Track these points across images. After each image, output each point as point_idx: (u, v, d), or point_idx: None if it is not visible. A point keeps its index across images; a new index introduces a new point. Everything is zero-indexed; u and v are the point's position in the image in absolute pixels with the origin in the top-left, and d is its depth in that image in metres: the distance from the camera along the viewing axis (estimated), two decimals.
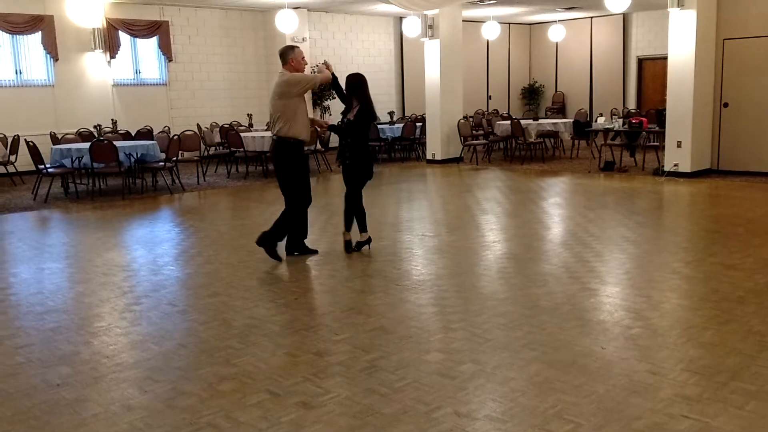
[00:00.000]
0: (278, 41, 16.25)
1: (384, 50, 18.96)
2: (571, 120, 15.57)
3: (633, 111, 16.72)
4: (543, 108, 21.59)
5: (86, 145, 10.55)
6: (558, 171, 12.64)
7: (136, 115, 14.69)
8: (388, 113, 16.11)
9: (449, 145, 14.52)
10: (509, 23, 21.02)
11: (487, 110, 19.58)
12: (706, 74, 11.30)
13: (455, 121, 14.36)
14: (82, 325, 4.78)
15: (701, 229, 7.69)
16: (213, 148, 14.27)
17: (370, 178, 6.53)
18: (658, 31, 18.37)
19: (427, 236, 7.44)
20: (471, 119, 16.19)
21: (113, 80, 14.74)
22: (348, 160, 6.41)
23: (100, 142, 10.51)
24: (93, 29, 14.10)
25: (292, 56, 6.15)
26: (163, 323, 4.79)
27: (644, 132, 12.39)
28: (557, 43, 20.88)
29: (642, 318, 4.58)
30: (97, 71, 14.49)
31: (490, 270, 6.09)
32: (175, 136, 11.42)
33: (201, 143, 13.26)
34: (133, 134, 13.31)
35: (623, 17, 19.63)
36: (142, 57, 15.25)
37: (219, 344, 4.32)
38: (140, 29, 14.82)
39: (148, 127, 13.72)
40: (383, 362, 3.93)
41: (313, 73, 6.34)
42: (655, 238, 7.22)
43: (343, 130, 6.41)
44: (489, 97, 21.08)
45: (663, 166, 11.54)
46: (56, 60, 13.85)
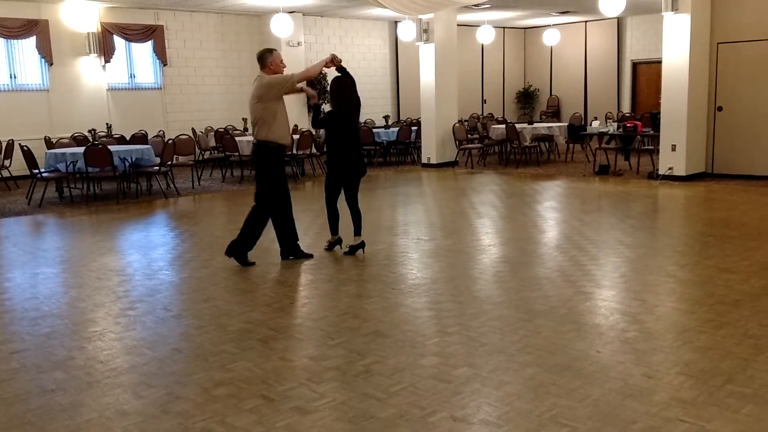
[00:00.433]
0: (273, 45, 16.13)
1: (379, 54, 18.98)
2: (566, 124, 15.60)
3: (628, 115, 16.76)
4: (538, 112, 21.64)
5: (81, 150, 10.53)
6: (553, 175, 12.66)
7: (131, 120, 14.68)
8: (383, 117, 16.13)
9: (444, 149, 14.54)
10: (504, 27, 21.08)
11: (482, 114, 19.62)
12: (701, 78, 11.34)
13: (450, 125, 14.38)
14: (77, 330, 4.77)
15: (696, 233, 7.71)
16: (208, 153, 14.24)
17: (341, 180, 6.55)
18: (653, 35, 18.45)
19: (423, 240, 7.44)
20: (466, 123, 16.22)
21: (108, 84, 14.72)
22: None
23: (95, 147, 10.49)
24: (88, 33, 14.09)
25: (271, 59, 6.14)
26: (158, 328, 4.78)
27: (639, 136, 12.42)
28: (552, 47, 20.94)
29: (637, 321, 4.58)
30: (92, 75, 14.47)
31: (486, 274, 6.09)
32: (170, 141, 11.40)
33: (196, 147, 13.24)
34: (128, 138, 13.29)
35: (618, 21, 19.70)
36: (137, 61, 15.24)
37: (214, 349, 4.31)
38: (135, 33, 14.81)
39: (143, 132, 13.70)
40: (379, 367, 3.93)
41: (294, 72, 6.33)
42: (650, 242, 7.23)
43: (316, 121, 6.60)
44: (484, 101, 21.12)
45: (658, 170, 11.57)
46: (51, 64, 13.83)
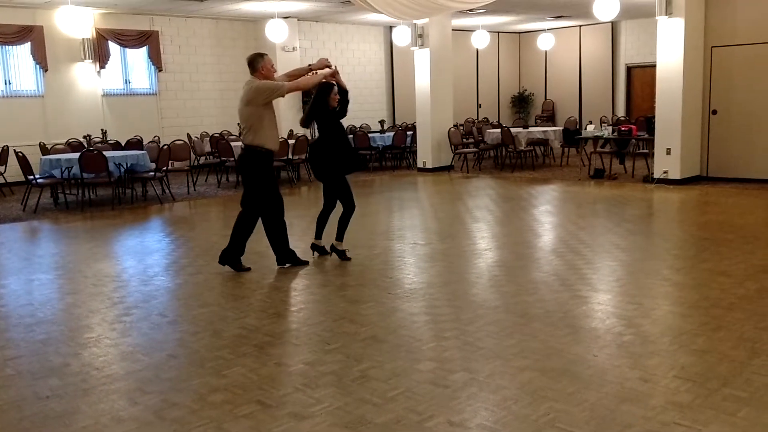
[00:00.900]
0: (268, 51, 16.10)
1: (374, 59, 19.00)
2: (561, 128, 15.64)
3: (622, 119, 16.81)
4: (533, 116, 21.67)
5: (76, 156, 10.51)
6: (548, 179, 12.68)
7: (126, 125, 14.66)
8: (379, 122, 16.15)
9: (440, 154, 14.55)
10: (498, 32, 21.12)
11: (477, 118, 19.65)
12: (695, 82, 11.37)
13: (446, 130, 14.39)
14: (72, 337, 4.75)
15: (691, 236, 7.72)
16: (203, 158, 14.24)
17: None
18: (647, 39, 18.48)
19: (419, 244, 7.44)
20: (461, 127, 16.24)
21: (103, 90, 14.70)
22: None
23: (90, 153, 10.47)
24: (82, 39, 14.07)
25: (262, 64, 6.08)
26: (154, 334, 4.76)
27: (633, 139, 12.45)
28: (546, 52, 20.99)
29: (633, 325, 4.58)
30: (87, 81, 14.46)
31: (482, 278, 6.09)
32: (165, 146, 11.39)
33: (191, 153, 13.24)
34: (123, 144, 13.28)
35: (612, 26, 19.75)
36: (132, 67, 15.23)
37: (209, 355, 4.29)
38: (130, 39, 14.80)
39: (138, 137, 13.68)
40: (375, 372, 3.92)
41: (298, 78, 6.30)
42: (646, 246, 7.24)
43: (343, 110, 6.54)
44: (479, 106, 21.15)
45: (653, 174, 11.60)
46: (46, 70, 13.81)
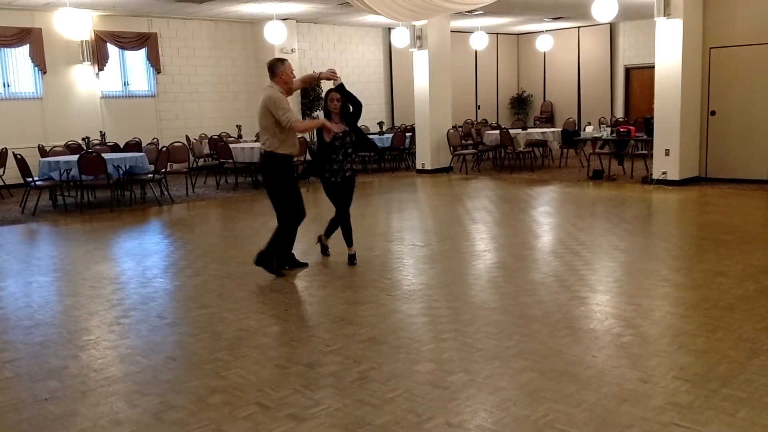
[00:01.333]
0: (267, 52, 16.28)
1: (373, 61, 19.01)
2: (560, 129, 15.65)
3: (621, 120, 16.80)
4: (531, 117, 21.67)
5: (74, 158, 10.50)
6: (547, 180, 12.68)
7: (125, 127, 14.65)
8: (378, 123, 16.14)
9: (439, 155, 14.55)
10: (497, 33, 21.13)
11: (476, 120, 19.64)
12: (694, 83, 11.38)
13: (444, 131, 14.40)
14: (71, 339, 4.74)
15: (690, 237, 7.72)
16: (202, 160, 14.23)
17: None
18: (646, 41, 18.50)
19: (418, 246, 7.43)
20: (460, 129, 16.24)
21: (101, 92, 14.70)
22: (349, 172, 6.36)
23: (89, 155, 10.46)
24: (81, 42, 14.06)
25: (282, 69, 6.05)
26: (152, 336, 4.76)
27: (632, 140, 12.46)
28: (545, 53, 20.99)
29: (632, 326, 4.58)
30: (86, 83, 14.45)
31: (481, 279, 6.09)
32: (164, 148, 11.39)
33: (190, 155, 13.23)
34: (122, 146, 13.27)
35: (610, 27, 19.77)
36: (131, 69, 15.22)
37: (208, 357, 4.29)
38: (128, 41, 14.80)
39: (137, 139, 13.67)
40: (374, 373, 3.92)
41: (313, 117, 6.11)
42: (645, 246, 7.24)
43: (343, 142, 6.30)
44: (478, 107, 21.15)
45: (651, 175, 11.60)
46: (44, 72, 13.81)
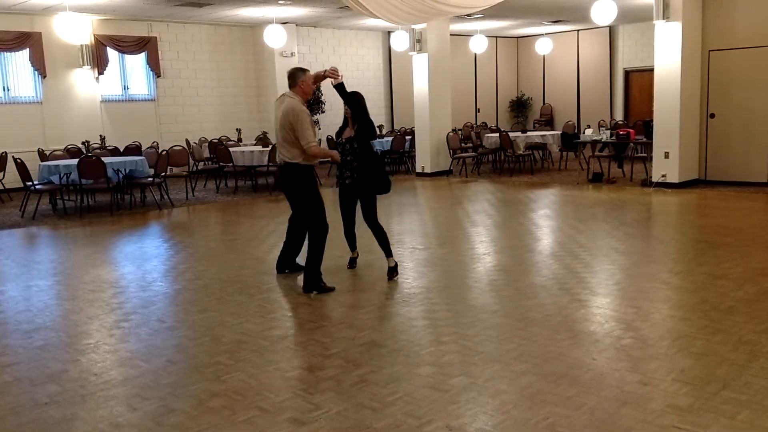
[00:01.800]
0: (267, 56, 16.34)
1: (372, 64, 19.02)
2: (559, 132, 15.66)
3: (620, 122, 16.81)
4: (531, 120, 21.70)
5: (74, 162, 10.50)
6: (547, 183, 12.68)
7: (125, 131, 14.66)
8: (378, 127, 16.12)
9: (438, 158, 14.56)
10: (496, 37, 21.16)
11: (476, 123, 19.65)
12: (693, 85, 11.39)
13: (444, 134, 14.41)
14: (70, 343, 4.74)
15: (690, 240, 7.73)
16: (202, 163, 14.23)
17: (385, 191, 6.18)
18: (645, 44, 18.54)
19: (418, 249, 7.43)
20: (460, 132, 16.26)
21: (101, 96, 14.70)
22: (349, 179, 6.10)
23: (89, 159, 10.46)
24: (81, 46, 14.08)
25: (303, 79, 5.82)
26: (152, 340, 4.75)
27: (632, 143, 12.47)
28: (544, 56, 21.01)
29: (632, 329, 4.58)
30: (86, 87, 14.46)
31: (481, 282, 6.09)
32: (164, 152, 11.39)
33: (190, 158, 13.23)
34: (122, 150, 13.28)
35: (609, 30, 19.79)
36: (131, 73, 15.23)
37: (208, 360, 4.29)
38: (128, 45, 14.81)
39: (137, 143, 13.68)
40: (374, 376, 3.91)
41: (318, 140, 5.79)
42: (645, 249, 7.24)
43: (344, 148, 6.12)
44: (477, 110, 21.16)
45: (651, 177, 11.60)
46: (44, 77, 13.81)
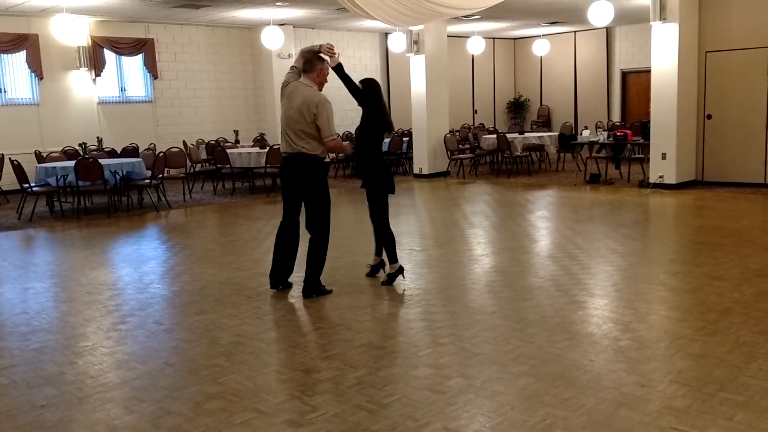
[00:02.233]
0: (264, 58, 16.34)
1: (370, 66, 19.03)
2: (557, 133, 15.68)
3: (618, 124, 16.83)
4: (528, 122, 21.71)
5: (71, 164, 10.49)
6: (544, 184, 12.69)
7: (122, 133, 14.64)
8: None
9: (436, 160, 14.56)
10: (494, 38, 21.18)
11: (473, 124, 19.68)
12: (690, 86, 11.40)
13: (442, 136, 14.41)
14: (67, 345, 4.73)
15: (687, 241, 7.73)
16: (199, 165, 14.23)
17: (390, 193, 5.99)
18: (642, 45, 18.56)
19: (415, 250, 7.43)
20: (457, 133, 16.26)
21: (98, 98, 14.68)
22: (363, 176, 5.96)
23: (86, 160, 10.45)
24: (78, 47, 14.05)
25: (321, 68, 5.65)
26: (149, 342, 4.74)
27: (629, 144, 12.47)
28: (542, 58, 21.05)
29: (630, 330, 4.58)
30: (83, 89, 14.44)
31: (479, 284, 6.08)
32: (161, 153, 11.38)
33: (187, 160, 13.22)
34: (119, 152, 13.26)
35: (606, 31, 19.81)
36: (128, 74, 15.22)
37: (206, 362, 4.28)
38: (125, 47, 14.80)
39: (134, 145, 13.67)
40: (372, 378, 3.91)
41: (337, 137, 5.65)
42: (642, 250, 7.25)
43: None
44: (475, 112, 21.18)
45: (648, 178, 11.61)
46: (41, 78, 13.79)
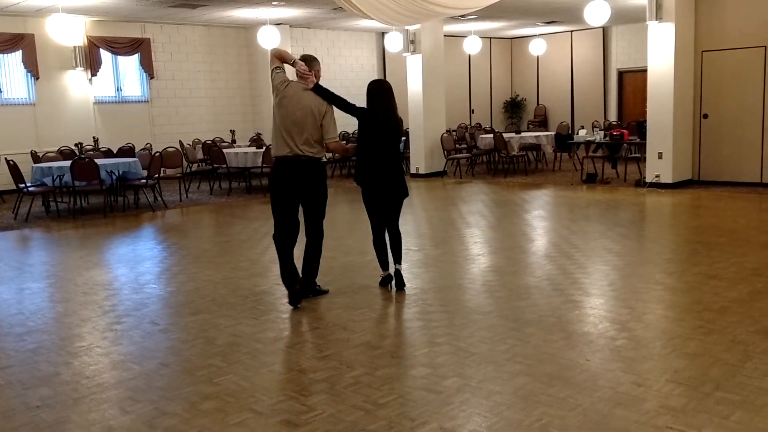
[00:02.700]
0: (260, 57, 16.30)
1: (367, 65, 19.02)
2: (553, 133, 15.68)
3: (614, 123, 16.85)
4: (525, 121, 21.72)
5: (67, 164, 10.47)
6: (541, 183, 12.69)
7: (118, 133, 14.61)
8: None
9: (433, 159, 14.56)
10: (490, 38, 21.18)
11: (470, 124, 19.67)
12: (686, 86, 11.42)
13: (438, 135, 14.41)
14: (63, 346, 4.72)
15: (684, 240, 7.74)
16: (195, 165, 14.21)
17: (372, 204, 6.01)
18: (638, 44, 18.56)
19: (412, 250, 7.42)
20: (454, 133, 16.26)
21: (94, 98, 14.65)
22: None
23: (82, 160, 10.43)
24: (74, 47, 14.03)
25: (318, 69, 5.66)
26: (145, 342, 4.73)
27: (625, 144, 12.49)
28: (538, 57, 21.05)
29: (626, 329, 4.58)
30: (79, 89, 14.41)
31: (475, 283, 6.08)
32: (157, 153, 11.36)
33: (183, 160, 13.20)
34: (115, 152, 13.23)
35: (603, 31, 19.84)
36: (124, 74, 15.20)
37: (201, 363, 4.27)
38: (121, 47, 14.77)
39: (130, 145, 13.64)
40: (368, 378, 3.90)
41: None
42: (638, 250, 7.25)
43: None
44: (471, 111, 21.19)
45: (645, 178, 11.63)
46: (37, 78, 13.76)
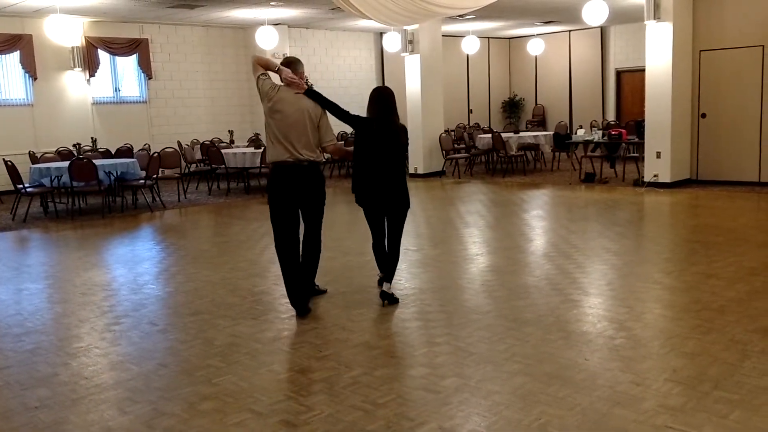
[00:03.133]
0: None
1: (365, 65, 19.01)
2: (552, 132, 15.68)
3: (612, 123, 16.85)
4: (523, 121, 21.72)
5: (65, 164, 10.45)
6: (539, 183, 12.70)
7: (116, 133, 14.59)
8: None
9: (431, 159, 14.56)
10: (488, 37, 21.18)
11: (468, 124, 19.67)
12: (684, 85, 11.42)
13: (437, 135, 14.41)
14: (61, 346, 4.71)
15: (682, 239, 7.74)
16: (194, 165, 14.21)
17: (371, 218, 5.94)
18: (636, 44, 18.56)
19: (410, 250, 7.42)
20: (452, 133, 16.27)
21: (93, 98, 14.64)
22: None
23: (80, 161, 10.42)
24: (72, 48, 14.02)
25: (302, 71, 5.68)
26: (144, 343, 4.73)
27: (624, 143, 12.50)
28: (536, 57, 21.04)
29: (625, 329, 4.58)
30: (77, 89, 14.40)
31: (474, 283, 6.08)
32: (156, 154, 11.36)
33: (182, 160, 13.20)
34: (113, 152, 13.23)
35: (601, 30, 19.84)
36: (122, 75, 15.19)
37: (200, 363, 4.27)
38: (120, 47, 14.76)
39: (128, 145, 13.63)
40: (367, 378, 3.90)
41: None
42: (637, 249, 7.25)
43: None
44: (470, 111, 21.18)
45: (643, 177, 11.63)
46: (35, 79, 13.75)
